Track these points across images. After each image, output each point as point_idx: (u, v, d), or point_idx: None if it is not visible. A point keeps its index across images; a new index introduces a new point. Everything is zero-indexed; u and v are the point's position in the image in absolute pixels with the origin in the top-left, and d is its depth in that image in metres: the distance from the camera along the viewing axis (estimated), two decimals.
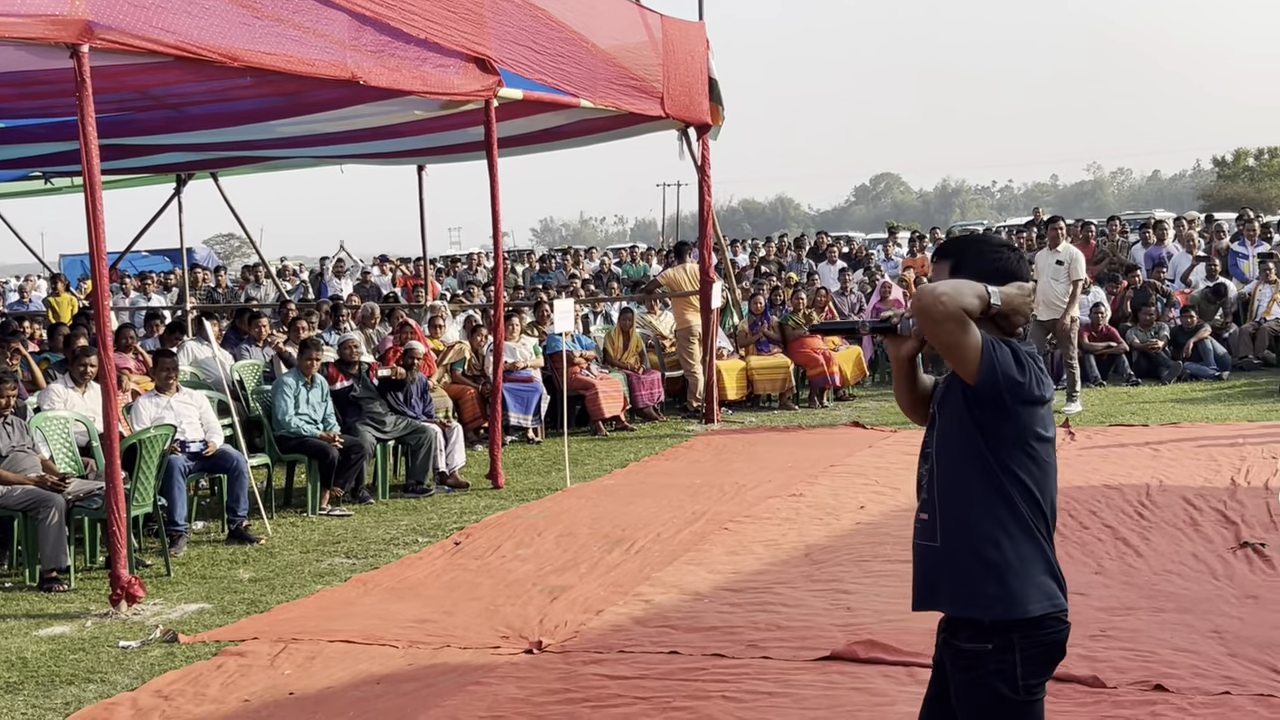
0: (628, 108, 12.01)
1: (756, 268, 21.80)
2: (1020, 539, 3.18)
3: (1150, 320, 15.61)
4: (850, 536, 8.22)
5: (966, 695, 3.24)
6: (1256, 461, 9.87)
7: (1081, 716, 5.04)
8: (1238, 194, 58.34)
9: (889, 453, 11.28)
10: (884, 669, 5.66)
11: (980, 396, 3.13)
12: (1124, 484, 9.29)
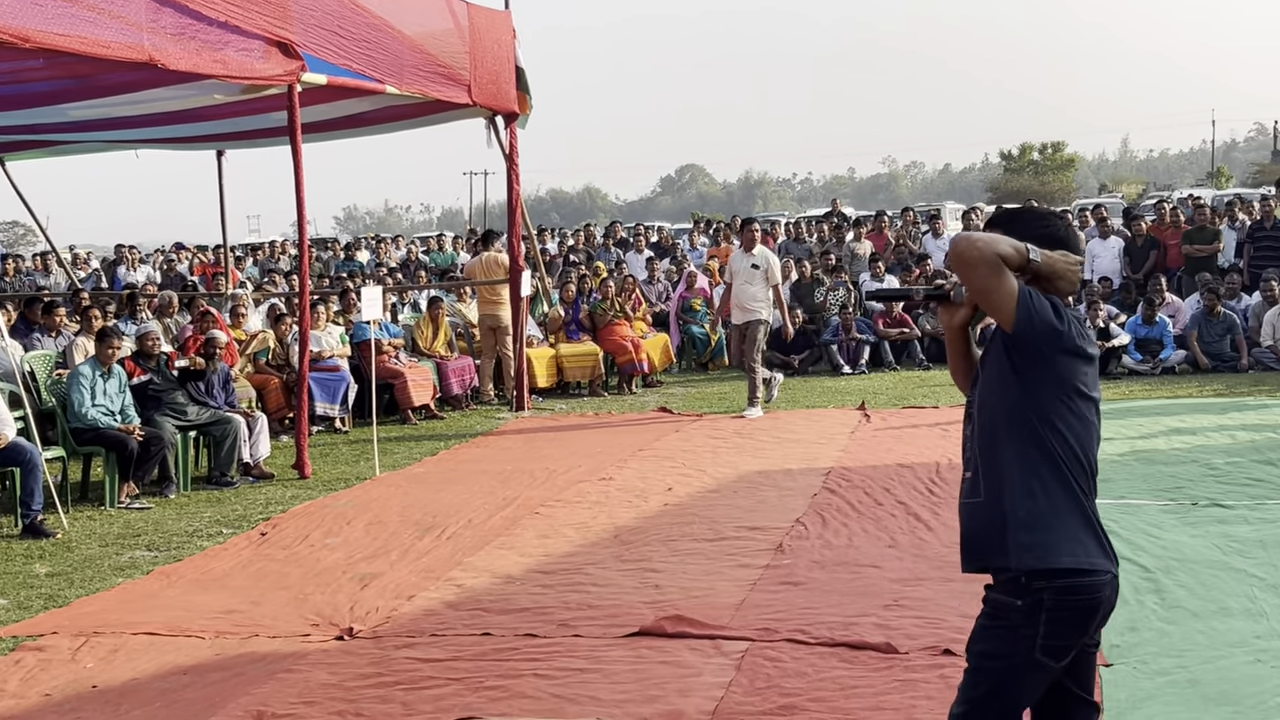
0: (434, 95, 11.98)
1: (565, 257, 21.93)
2: (1056, 490, 3.15)
3: None
4: (658, 518, 8.41)
5: (978, 635, 3.26)
6: None
7: (876, 681, 5.29)
8: (1023, 186, 61.05)
9: (695, 437, 11.54)
10: (690, 643, 5.84)
11: (1019, 343, 3.13)
12: (916, 462, 9.72)
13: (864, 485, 9.02)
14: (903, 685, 5.24)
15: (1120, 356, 14.21)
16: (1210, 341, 14.27)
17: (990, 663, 3.22)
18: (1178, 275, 16.62)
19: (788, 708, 5.04)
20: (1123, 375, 14.09)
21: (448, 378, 14.06)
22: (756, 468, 9.91)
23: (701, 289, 17.06)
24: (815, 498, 8.71)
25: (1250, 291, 15.29)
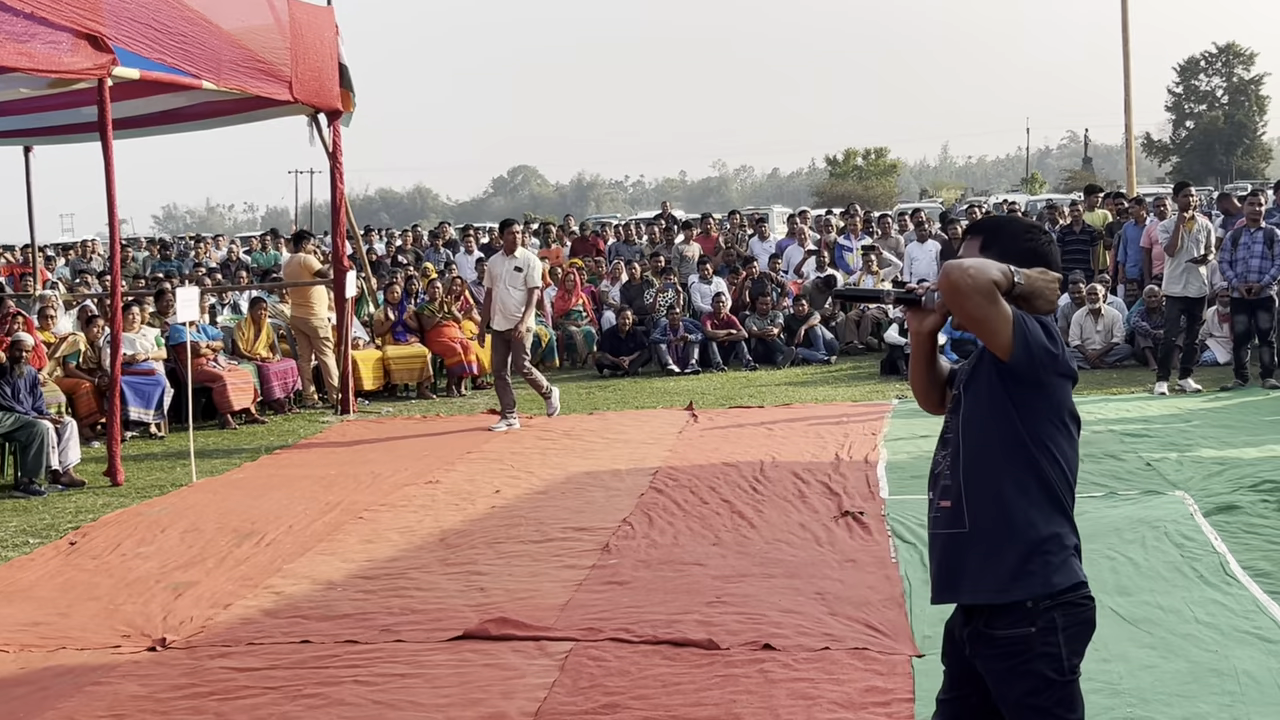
0: (254, 91, 11.71)
1: (393, 257, 21.66)
2: (1052, 515, 3.11)
3: (766, 309, 16.56)
4: (485, 520, 8.36)
5: (1011, 683, 3.11)
6: (859, 438, 10.67)
7: (697, 677, 5.35)
8: (848, 191, 62.42)
9: (524, 439, 11.51)
10: (515, 645, 5.82)
11: (1015, 371, 3.05)
12: (741, 461, 9.86)
13: (690, 485, 9.11)
14: (723, 680, 5.30)
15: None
16: None
17: (1037, 700, 3.09)
18: None
19: (610, 706, 5.07)
20: None
21: (270, 380, 13.75)
22: (584, 469, 9.92)
23: None
24: (642, 498, 8.77)
25: (1062, 292, 15.91)
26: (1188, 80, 70.86)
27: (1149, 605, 6.05)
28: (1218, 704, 4.84)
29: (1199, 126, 69.31)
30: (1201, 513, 7.66)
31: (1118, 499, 8.16)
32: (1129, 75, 22.35)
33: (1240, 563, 6.65)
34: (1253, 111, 68.97)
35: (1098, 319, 14.61)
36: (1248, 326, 12.57)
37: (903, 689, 5.15)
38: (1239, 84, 69.16)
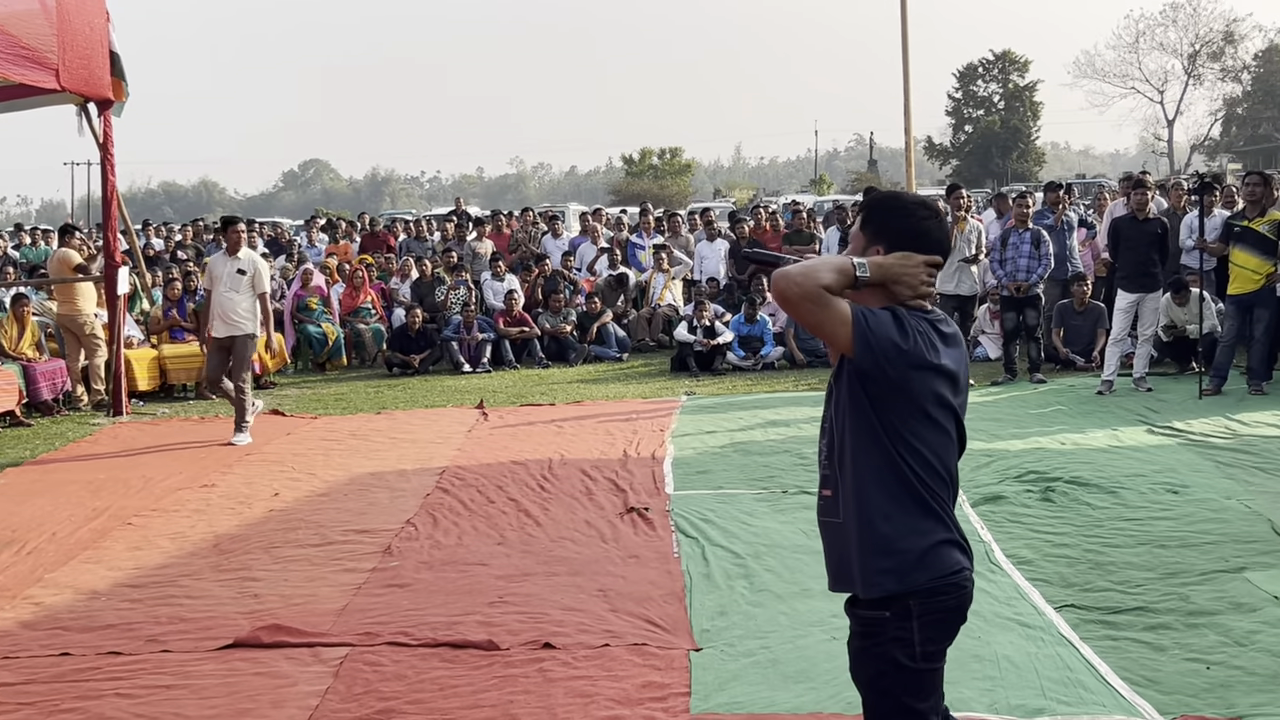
0: (18, 79, 11.14)
1: (172, 253, 20.91)
2: (912, 509, 3.09)
3: (559, 306, 16.56)
4: (262, 524, 8.12)
5: (862, 662, 3.20)
6: (647, 434, 10.75)
7: (476, 679, 5.29)
8: (644, 189, 63.02)
9: (308, 439, 11.24)
10: (287, 651, 5.66)
11: (862, 368, 3.04)
12: (529, 459, 9.82)
13: (477, 484, 9.03)
14: (502, 681, 5.26)
15: (725, 354, 14.87)
16: (805, 338, 15.13)
17: (884, 682, 3.16)
18: None
19: (385, 712, 4.97)
20: (727, 371, 14.74)
21: (36, 381, 13.10)
22: (369, 469, 9.74)
23: (318, 287, 16.66)
24: (428, 498, 8.65)
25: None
26: (967, 86, 73.70)
27: None
28: (979, 689, 5.02)
29: (977, 131, 72.14)
30: (969, 503, 7.94)
31: None
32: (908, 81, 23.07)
33: (1004, 551, 6.92)
34: (1027, 117, 72.12)
35: None
36: (1016, 323, 13.12)
37: (679, 683, 5.20)
38: (1014, 90, 72.22)
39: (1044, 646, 5.44)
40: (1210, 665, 5.17)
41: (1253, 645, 5.34)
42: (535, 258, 18.18)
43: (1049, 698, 4.90)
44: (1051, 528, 7.36)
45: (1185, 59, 75.80)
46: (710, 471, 9.23)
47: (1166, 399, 11.53)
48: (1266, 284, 11.48)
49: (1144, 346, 12.26)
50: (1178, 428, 10.13)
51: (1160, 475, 8.47)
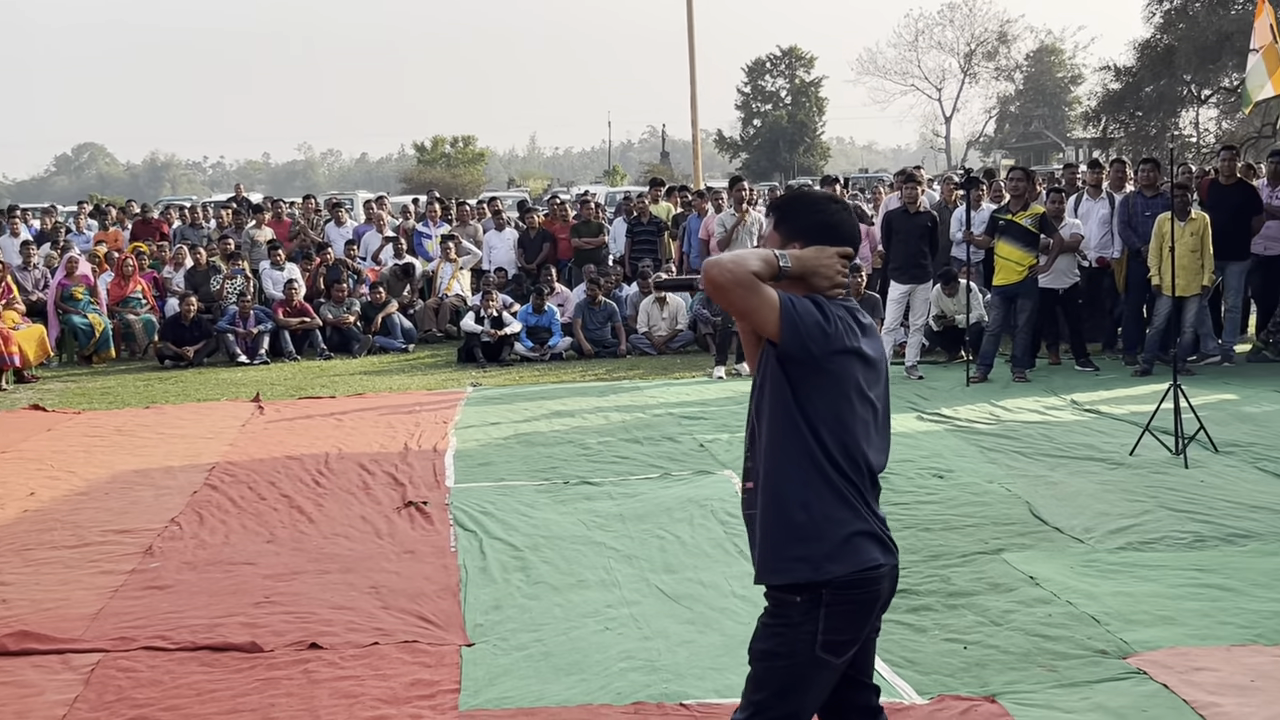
0: None
1: None
2: (829, 499, 3.13)
3: (342, 296, 16.20)
4: (14, 526, 7.70)
5: (761, 636, 3.20)
6: (430, 427, 10.59)
7: (236, 683, 5.11)
8: (436, 178, 62.21)
9: (69, 436, 10.71)
10: (35, 660, 5.37)
11: (788, 352, 3.08)
12: (305, 454, 9.56)
13: (249, 480, 8.75)
14: (264, 684, 5.10)
15: (513, 344, 14.78)
16: (593, 329, 15.17)
17: (773, 662, 3.17)
18: (568, 266, 17.54)
19: None
20: (515, 362, 14.65)
21: None
22: (134, 466, 9.34)
23: (84, 276, 15.89)
24: (195, 495, 8.33)
25: (630, 282, 16.42)
26: (755, 81, 75.06)
27: (691, 582, 6.30)
28: (746, 674, 5.06)
29: (766, 125, 73.56)
30: None
31: (671, 480, 8.47)
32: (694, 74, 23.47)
33: None
34: (813, 112, 73.87)
35: (663, 307, 15.17)
36: None
37: (449, 680, 5.12)
38: (800, 85, 73.87)
39: None
40: (967, 645, 5.34)
41: (1008, 624, 5.54)
42: (317, 246, 17.74)
43: None
44: None
45: (962, 58, 78.85)
46: (492, 463, 9.14)
47: (936, 386, 11.92)
48: (1029, 275, 11.97)
49: (915, 336, 12.67)
50: (945, 414, 10.48)
51: (927, 460, 8.75)
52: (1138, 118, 40.57)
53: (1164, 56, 38.66)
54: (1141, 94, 40.00)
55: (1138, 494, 7.66)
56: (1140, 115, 40.49)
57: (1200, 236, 11.81)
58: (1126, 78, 40.68)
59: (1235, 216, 12.46)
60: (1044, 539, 6.86)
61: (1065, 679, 4.93)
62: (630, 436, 9.98)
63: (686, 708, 4.75)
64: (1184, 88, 40.19)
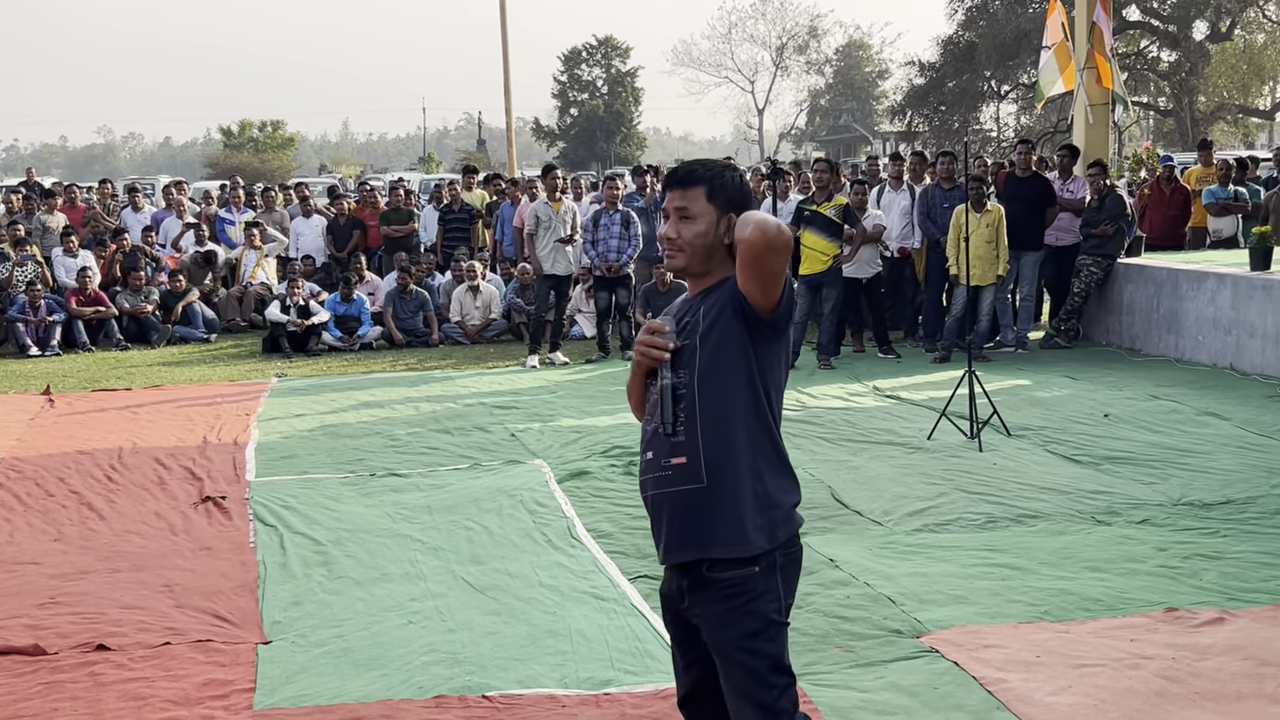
0: None
1: None
2: (775, 464, 3.16)
3: (140, 284, 15.60)
4: None
5: (730, 625, 3.10)
6: (231, 419, 10.29)
7: (17, 687, 4.88)
8: (243, 163, 60.62)
9: None
10: None
11: (778, 322, 3.07)
12: (97, 449, 9.18)
13: (36, 476, 8.37)
14: (47, 688, 4.88)
15: (320, 334, 14.46)
16: (405, 318, 14.94)
17: (758, 641, 3.11)
18: (378, 254, 17.25)
19: None
20: (323, 352, 14.34)
21: None
22: None
23: None
24: None
25: (443, 270, 16.23)
26: (572, 70, 75.04)
27: (498, 572, 6.25)
28: (550, 664, 5.06)
29: (583, 114, 73.62)
30: (556, 479, 8.03)
31: (481, 470, 8.39)
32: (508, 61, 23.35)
33: (585, 525, 7.03)
34: (629, 102, 74.21)
35: (476, 295, 15.04)
36: (609, 302, 13.43)
37: (244, 679, 4.97)
38: (617, 75, 74.13)
39: (616, 618, 5.54)
40: None
41: (808, 607, 5.63)
42: (113, 232, 17.06)
43: (618, 669, 4.99)
44: (632, 500, 7.52)
45: (774, 51, 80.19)
46: (295, 456, 8.92)
47: None
48: (834, 265, 12.22)
49: None
50: None
51: None
52: (941, 112, 41.92)
53: (966, 53, 40.03)
54: (945, 89, 41.36)
55: (934, 477, 7.88)
56: (944, 109, 41.85)
57: (995, 228, 12.24)
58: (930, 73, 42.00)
59: (1029, 208, 12.95)
60: (844, 522, 7.02)
61: (861, 659, 5.04)
62: (440, 427, 9.86)
63: (489, 699, 4.71)
64: (984, 83, 41.68)
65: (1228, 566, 6.02)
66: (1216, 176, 15.67)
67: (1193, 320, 11.98)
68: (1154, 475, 7.78)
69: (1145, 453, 8.36)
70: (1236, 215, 15.11)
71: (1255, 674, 4.74)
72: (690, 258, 3.21)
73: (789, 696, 3.14)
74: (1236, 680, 4.70)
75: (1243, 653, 4.94)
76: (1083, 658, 4.94)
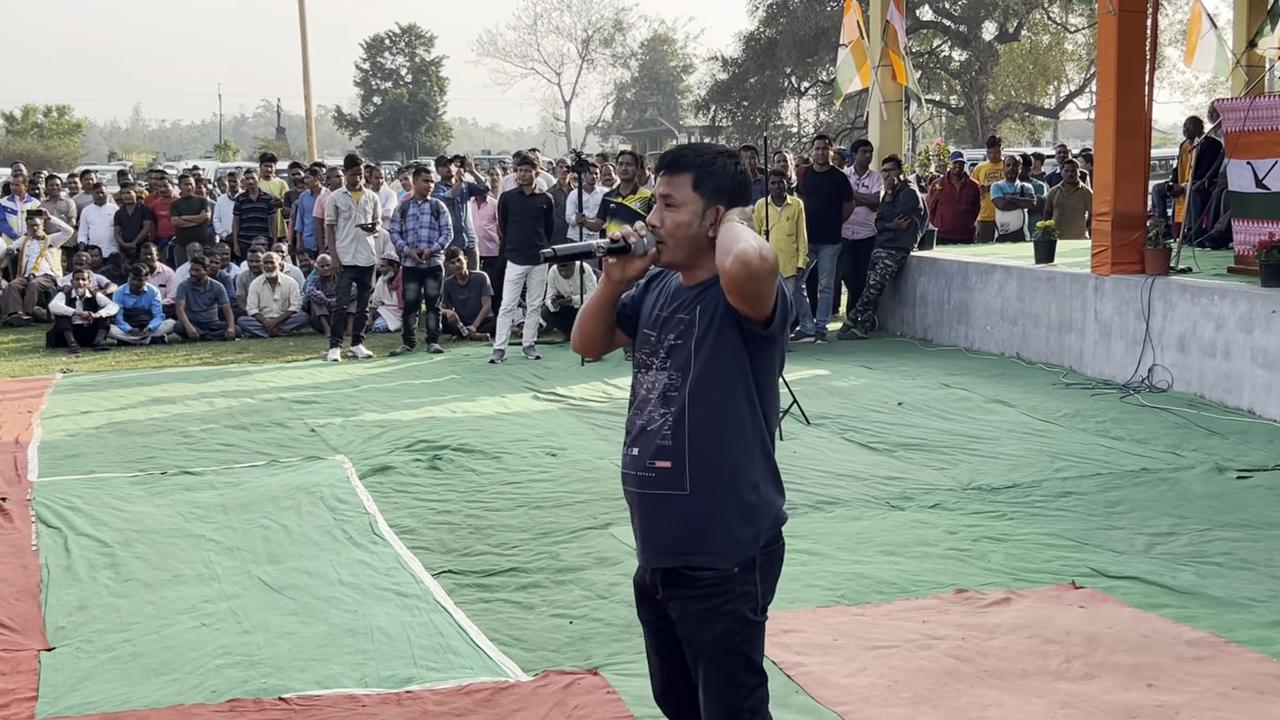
0: None
1: None
2: (770, 479, 3.09)
3: None
4: None
5: (708, 625, 3.03)
6: (11, 417, 9.81)
7: None
8: (28, 149, 57.87)
9: None
10: None
11: (775, 333, 3.00)
12: None
13: None
14: None
15: (109, 328, 13.89)
16: (199, 310, 14.47)
17: (733, 640, 3.04)
18: (170, 245, 16.65)
19: None
20: (111, 346, 13.78)
21: None
22: None
23: None
24: None
25: (239, 261, 15.77)
26: (374, 58, 73.84)
27: (297, 571, 6.10)
28: (350, 663, 4.96)
29: (386, 103, 72.53)
30: (358, 475, 7.89)
31: (280, 466, 8.19)
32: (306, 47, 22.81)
33: (388, 521, 6.92)
34: (434, 91, 73.43)
35: (275, 287, 14.66)
36: (417, 294, 13.24)
37: (25, 687, 4.76)
38: (421, 64, 73.26)
39: (419, 614, 5.47)
40: (573, 620, 5.42)
41: (613, 597, 5.65)
42: None
43: (419, 665, 4.92)
44: (436, 495, 7.45)
45: (580, 43, 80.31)
46: (82, 455, 8.56)
47: (553, 366, 12.07)
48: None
49: (533, 316, 12.78)
50: (561, 393, 10.64)
51: (541, 439, 8.84)
52: (744, 107, 42.62)
53: (767, 49, 40.79)
54: (747, 84, 42.07)
55: None
56: (746, 105, 42.56)
57: (795, 221, 12.50)
58: (733, 68, 42.67)
59: (827, 202, 13.26)
60: None
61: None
62: (236, 423, 9.58)
63: (286, 701, 4.58)
64: (785, 79, 42.54)
65: (1014, 548, 6.26)
66: (1004, 172, 16.33)
67: (981, 311, 12.45)
68: (945, 461, 8.06)
69: (937, 439, 8.65)
70: (1022, 210, 15.76)
71: (1040, 651, 4.94)
72: (673, 249, 3.07)
73: (758, 695, 3.10)
74: (1022, 658, 4.89)
75: (1028, 631, 5.14)
76: (877, 639, 5.08)
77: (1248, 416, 9.07)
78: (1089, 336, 10.90)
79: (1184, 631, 5.10)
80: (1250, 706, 4.43)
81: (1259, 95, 10.30)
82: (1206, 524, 6.60)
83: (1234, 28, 16.88)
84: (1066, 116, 56.76)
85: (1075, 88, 49.83)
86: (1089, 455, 8.08)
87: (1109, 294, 10.65)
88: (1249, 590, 5.58)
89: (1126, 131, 10.63)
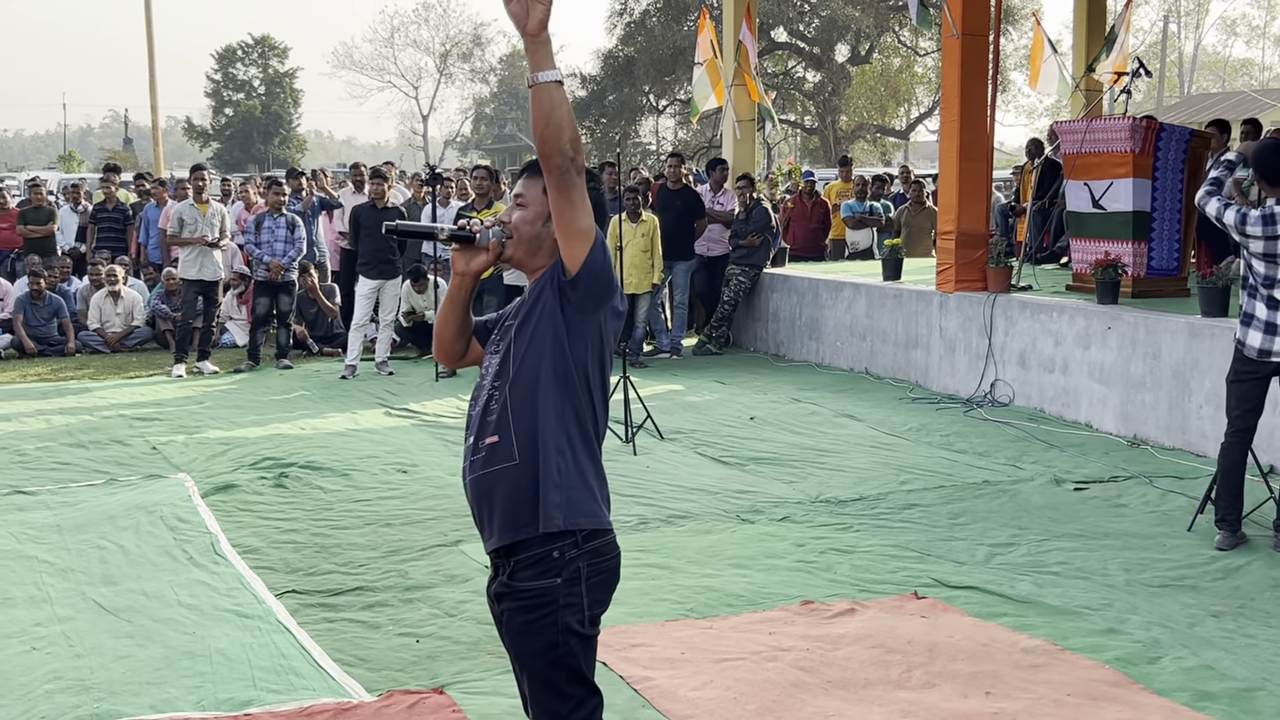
0: None
1: None
2: (580, 448, 3.05)
3: None
4: None
5: (532, 636, 3.02)
6: None
7: None
8: None
9: None
10: None
11: (578, 285, 2.99)
12: None
13: None
14: None
15: None
16: (37, 325, 13.98)
17: (557, 652, 3.01)
18: (11, 257, 16.06)
19: None
20: None
21: None
22: None
23: None
24: None
25: (81, 274, 15.28)
26: (226, 69, 72.34)
27: (134, 593, 5.92)
28: (187, 686, 4.82)
29: (238, 114, 71.10)
30: (200, 494, 7.69)
31: (118, 485, 7.94)
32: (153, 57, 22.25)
33: (231, 540, 6.76)
34: (288, 103, 72.20)
35: (118, 301, 14.24)
36: (268, 309, 12.97)
37: None
38: (274, 76, 71.98)
39: (260, 636, 5.35)
40: (420, 638, 5.35)
41: (461, 615, 5.60)
42: None
43: (260, 687, 4.81)
44: (282, 514, 7.31)
45: (438, 57, 79.75)
46: None
47: (406, 382, 11.93)
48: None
49: (385, 331, 12.62)
50: (413, 409, 10.52)
51: (392, 456, 8.73)
52: (603, 124, 42.75)
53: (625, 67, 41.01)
54: (606, 102, 42.22)
55: None
56: (605, 122, 42.70)
57: (650, 237, 12.57)
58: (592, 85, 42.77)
59: (681, 219, 13.37)
60: None
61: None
62: (74, 441, 9.27)
63: None
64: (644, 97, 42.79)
65: (859, 559, 6.37)
66: (854, 191, 16.65)
67: (832, 327, 12.66)
68: (794, 474, 8.17)
69: (787, 453, 8.77)
70: (872, 228, 16.08)
71: (882, 661, 5.03)
72: (516, 244, 3.15)
73: (585, 708, 3.08)
74: (865, 668, 4.97)
75: (871, 641, 5.23)
76: (724, 652, 5.11)
77: (1085, 430, 9.37)
78: (934, 352, 11.16)
79: (1021, 640, 5.24)
80: (1083, 712, 4.57)
81: (1096, 118, 10.63)
82: (1044, 534, 6.79)
83: (1073, 53, 17.45)
84: (917, 138, 58.13)
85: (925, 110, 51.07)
86: (933, 468, 8.27)
87: (953, 311, 10.92)
88: (1084, 599, 5.75)
89: (970, 153, 10.92)
